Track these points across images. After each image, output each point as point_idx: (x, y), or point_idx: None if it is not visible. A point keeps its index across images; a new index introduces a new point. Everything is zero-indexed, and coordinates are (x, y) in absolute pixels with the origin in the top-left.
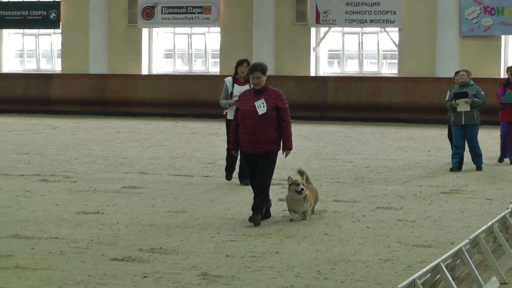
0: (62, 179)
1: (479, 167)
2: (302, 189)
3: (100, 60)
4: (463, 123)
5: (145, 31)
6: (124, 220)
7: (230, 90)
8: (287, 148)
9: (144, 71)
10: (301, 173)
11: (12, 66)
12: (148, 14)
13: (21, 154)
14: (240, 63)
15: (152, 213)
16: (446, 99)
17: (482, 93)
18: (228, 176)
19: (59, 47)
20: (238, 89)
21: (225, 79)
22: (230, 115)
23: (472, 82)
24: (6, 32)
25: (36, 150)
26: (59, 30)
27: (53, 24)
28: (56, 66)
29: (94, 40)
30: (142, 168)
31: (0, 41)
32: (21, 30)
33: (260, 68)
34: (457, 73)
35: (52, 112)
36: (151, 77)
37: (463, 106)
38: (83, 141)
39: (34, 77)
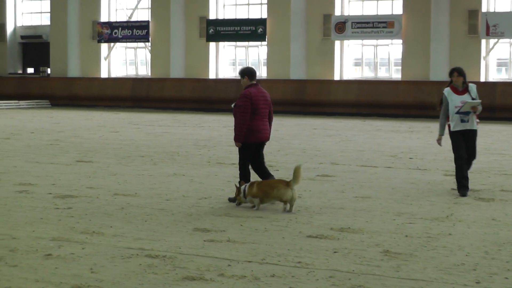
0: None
1: None
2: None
3: (299, 68)
4: None
5: (337, 43)
6: (318, 203)
7: (447, 101)
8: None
9: (336, 77)
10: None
11: (226, 73)
12: (340, 28)
13: (232, 146)
14: (450, 73)
15: (342, 198)
16: None
17: None
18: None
19: (265, 56)
20: (459, 99)
21: (444, 90)
22: (453, 126)
23: None
24: (221, 44)
25: None
26: (265, 43)
27: (260, 37)
28: (262, 72)
29: (294, 50)
30: (334, 159)
31: (217, 52)
32: (233, 43)
33: (240, 72)
34: None
35: None
36: (342, 82)
37: None
38: (284, 136)
39: None
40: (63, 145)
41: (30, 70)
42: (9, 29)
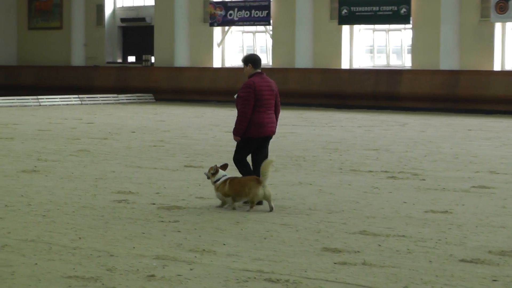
0: (410, 176)
1: None
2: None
3: (451, 56)
4: None
5: (497, 26)
6: (473, 220)
7: None
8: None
9: (497, 67)
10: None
11: (362, 62)
12: (502, 8)
13: (369, 150)
14: None
15: (503, 214)
16: None
17: None
18: None
19: (409, 42)
20: None
21: None
22: None
23: None
24: (357, 28)
25: (385, 147)
26: (409, 26)
27: (404, 19)
28: (405, 61)
29: (445, 35)
30: (493, 167)
31: (351, 36)
32: (371, 26)
33: (243, 59)
34: None
35: (400, 108)
36: (504, 73)
37: None
38: (432, 138)
39: (384, 73)
40: (169, 147)
41: (131, 59)
42: (108, 11)
